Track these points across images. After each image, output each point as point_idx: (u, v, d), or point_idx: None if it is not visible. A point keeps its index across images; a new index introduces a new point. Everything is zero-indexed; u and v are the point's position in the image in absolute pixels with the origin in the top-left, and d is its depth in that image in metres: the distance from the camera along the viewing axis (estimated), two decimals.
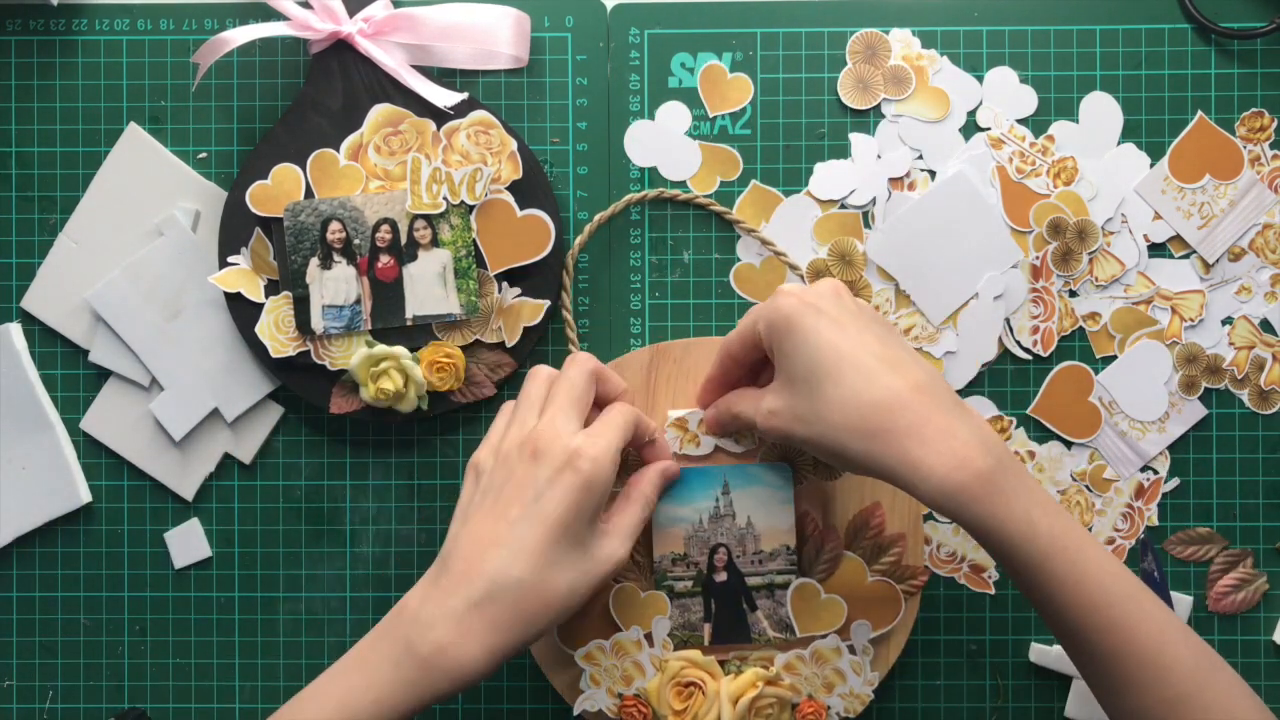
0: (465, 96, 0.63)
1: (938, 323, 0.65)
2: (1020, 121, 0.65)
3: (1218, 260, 0.65)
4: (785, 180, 0.65)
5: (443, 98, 0.63)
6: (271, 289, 0.63)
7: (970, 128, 0.65)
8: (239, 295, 0.63)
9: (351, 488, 0.66)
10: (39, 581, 0.66)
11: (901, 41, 0.65)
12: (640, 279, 0.66)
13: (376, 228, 0.62)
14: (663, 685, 0.60)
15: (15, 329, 0.66)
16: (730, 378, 0.60)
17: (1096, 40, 0.65)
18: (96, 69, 0.66)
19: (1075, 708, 0.65)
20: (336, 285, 0.62)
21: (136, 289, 0.65)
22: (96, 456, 0.66)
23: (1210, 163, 0.65)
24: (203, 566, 0.66)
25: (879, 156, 0.65)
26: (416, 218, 0.62)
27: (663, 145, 0.65)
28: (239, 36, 0.62)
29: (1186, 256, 0.65)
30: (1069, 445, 0.65)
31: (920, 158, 0.65)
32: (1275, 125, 0.65)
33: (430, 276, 0.62)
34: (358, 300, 0.62)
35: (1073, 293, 0.65)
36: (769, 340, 0.55)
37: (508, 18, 0.64)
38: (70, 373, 0.66)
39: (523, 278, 0.63)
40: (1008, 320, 0.65)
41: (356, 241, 0.62)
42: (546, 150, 0.65)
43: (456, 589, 0.52)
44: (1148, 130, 0.65)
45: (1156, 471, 0.65)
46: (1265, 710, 0.51)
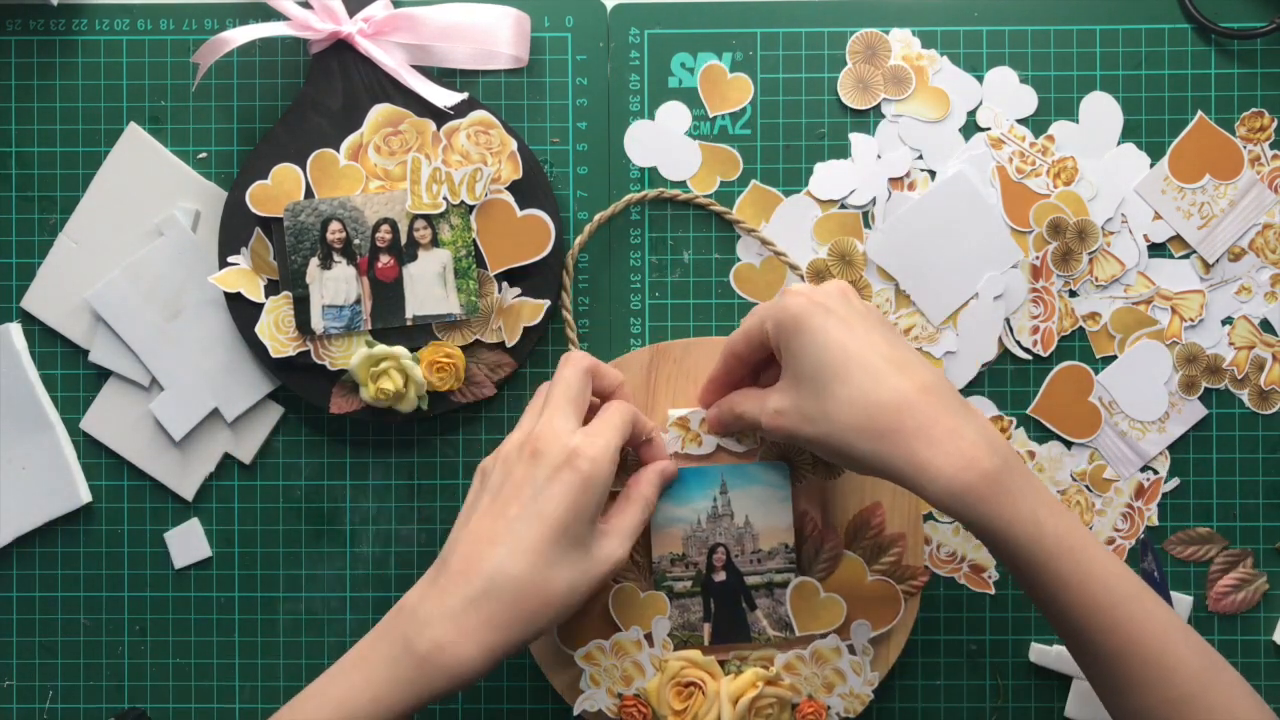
0: (465, 96, 0.63)
1: (938, 323, 0.65)
2: (1020, 121, 0.65)
3: (1218, 260, 0.65)
4: (785, 180, 0.65)
5: (443, 98, 0.63)
6: (271, 289, 0.63)
7: (970, 128, 0.65)
8: (239, 295, 0.63)
9: (351, 488, 0.66)
10: (39, 581, 0.66)
11: (901, 41, 0.65)
12: (640, 279, 0.66)
13: (376, 228, 0.62)
14: (663, 685, 0.60)
15: (15, 329, 0.66)
16: (734, 377, 0.60)
17: (1096, 40, 0.65)
18: (96, 69, 0.66)
19: (1075, 708, 0.65)
20: (336, 285, 0.62)
21: (136, 289, 0.65)
22: (96, 456, 0.66)
23: (1210, 163, 0.65)
24: (203, 566, 0.66)
25: (879, 156, 0.65)
26: (416, 218, 0.62)
27: (663, 145, 0.65)
28: (239, 36, 0.62)
29: (1186, 256, 0.65)
30: (1069, 445, 0.65)
31: (920, 158, 0.65)
32: (1275, 125, 0.65)
33: (430, 276, 0.62)
34: (358, 300, 0.62)
35: (1073, 293, 0.65)
36: (777, 339, 0.55)
37: (508, 18, 0.64)
38: (70, 373, 0.66)
39: (523, 278, 0.63)
40: (1008, 320, 0.65)
41: (356, 241, 0.62)
42: (546, 150, 0.65)
43: (455, 587, 0.52)
44: (1148, 130, 0.65)
45: (1156, 471, 0.65)
46: (1267, 710, 0.51)
